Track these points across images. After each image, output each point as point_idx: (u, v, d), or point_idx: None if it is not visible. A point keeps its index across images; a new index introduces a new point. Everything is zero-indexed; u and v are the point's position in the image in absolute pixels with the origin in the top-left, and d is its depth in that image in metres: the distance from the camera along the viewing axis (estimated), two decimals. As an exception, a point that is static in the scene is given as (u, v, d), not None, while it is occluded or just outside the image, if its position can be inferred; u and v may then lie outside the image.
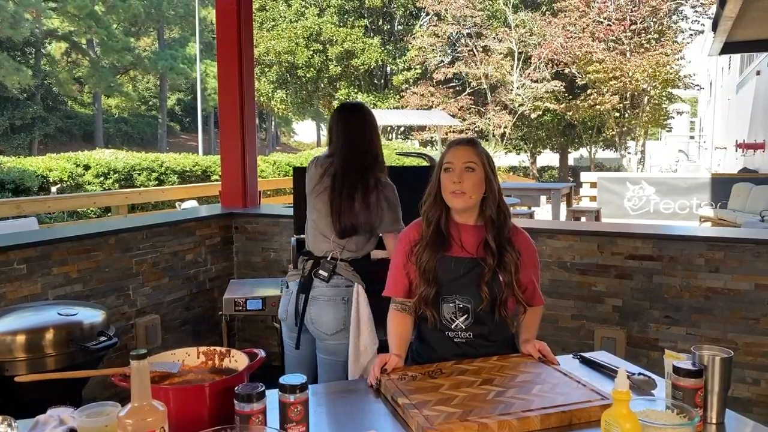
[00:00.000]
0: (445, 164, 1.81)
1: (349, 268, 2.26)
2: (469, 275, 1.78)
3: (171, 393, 1.28)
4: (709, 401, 1.37)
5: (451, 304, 1.80)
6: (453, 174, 1.78)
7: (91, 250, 3.20)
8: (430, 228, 1.82)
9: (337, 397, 1.57)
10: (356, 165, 2.26)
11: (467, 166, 1.78)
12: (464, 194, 1.77)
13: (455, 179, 1.77)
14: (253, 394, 1.21)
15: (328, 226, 2.27)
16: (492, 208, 1.82)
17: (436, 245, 1.80)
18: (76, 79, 28.22)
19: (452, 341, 1.81)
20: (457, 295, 1.79)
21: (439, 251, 1.80)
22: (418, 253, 1.82)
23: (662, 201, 11.83)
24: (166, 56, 29.20)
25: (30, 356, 2.23)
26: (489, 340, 1.81)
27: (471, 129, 19.89)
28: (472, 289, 1.78)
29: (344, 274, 2.25)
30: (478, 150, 1.82)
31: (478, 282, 1.77)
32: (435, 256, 1.79)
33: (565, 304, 3.37)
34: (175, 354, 1.46)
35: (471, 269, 1.79)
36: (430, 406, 1.39)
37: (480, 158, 1.80)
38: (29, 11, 24.55)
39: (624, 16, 17.39)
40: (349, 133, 2.31)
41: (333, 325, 2.21)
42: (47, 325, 2.30)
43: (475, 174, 1.79)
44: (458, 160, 1.79)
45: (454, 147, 1.84)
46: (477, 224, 1.84)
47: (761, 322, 2.96)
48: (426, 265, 1.79)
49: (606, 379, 1.64)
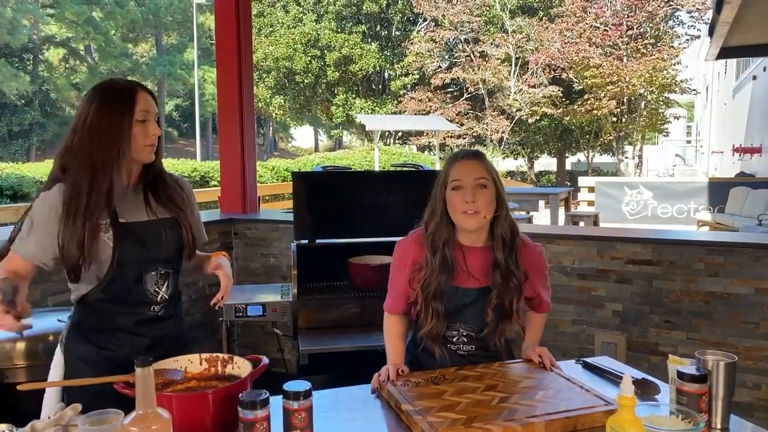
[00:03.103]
0: (453, 182, 1.66)
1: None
2: (476, 304, 1.71)
3: (174, 400, 1.28)
4: (713, 406, 1.37)
5: (454, 331, 1.74)
6: (464, 192, 1.64)
7: (91, 256, 3.19)
8: (437, 256, 1.67)
9: (341, 404, 1.56)
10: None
11: (479, 183, 1.65)
12: (478, 213, 1.63)
13: (468, 198, 1.63)
14: (257, 401, 1.21)
15: None
16: (504, 226, 1.69)
17: (444, 274, 1.67)
18: (73, 85, 28.20)
19: (456, 354, 1.77)
20: (462, 324, 1.73)
21: (448, 281, 1.68)
22: (424, 281, 1.68)
23: (660, 205, 11.85)
24: (164, 62, 29.23)
25: (30, 363, 2.22)
26: (489, 350, 1.78)
27: (468, 134, 19.93)
28: (476, 317, 1.71)
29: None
30: (486, 164, 1.70)
31: (483, 308, 1.70)
32: (442, 285, 1.67)
33: (565, 309, 3.37)
34: (178, 361, 1.45)
35: (477, 299, 1.70)
36: (434, 413, 1.39)
37: (490, 173, 1.68)
38: (27, 17, 24.59)
39: (620, 22, 17.46)
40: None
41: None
42: (47, 332, 2.29)
43: (488, 190, 1.65)
44: (468, 176, 1.65)
45: (460, 161, 1.70)
46: (484, 245, 1.72)
47: (761, 326, 2.97)
48: (432, 294, 1.67)
49: (609, 385, 1.64)
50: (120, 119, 1.53)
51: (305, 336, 2.84)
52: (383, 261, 3.01)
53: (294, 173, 3.20)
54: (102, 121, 1.53)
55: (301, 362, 2.74)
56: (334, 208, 3.11)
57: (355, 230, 3.15)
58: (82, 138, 1.54)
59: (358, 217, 3.14)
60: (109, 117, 1.53)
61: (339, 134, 28.16)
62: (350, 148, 24.23)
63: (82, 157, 1.53)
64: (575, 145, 21.86)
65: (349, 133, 27.16)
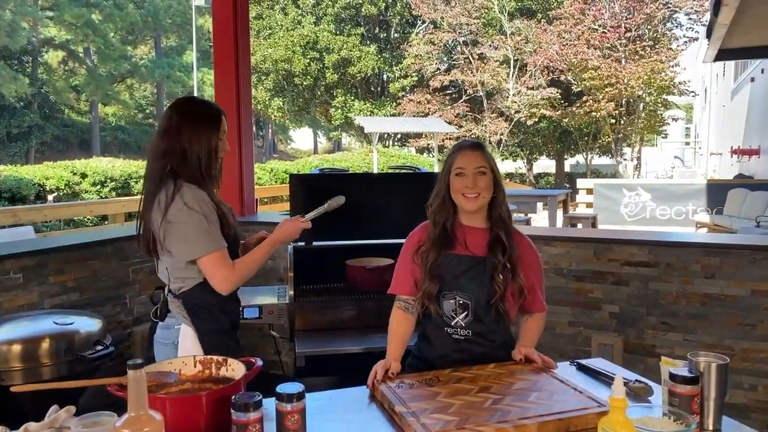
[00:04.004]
0: (457, 169, 1.86)
1: (177, 303, 1.88)
2: (470, 272, 1.83)
3: (168, 403, 1.28)
4: (705, 408, 1.37)
5: (451, 300, 1.83)
6: (466, 179, 1.84)
7: (88, 258, 3.20)
8: (437, 228, 1.88)
9: (335, 406, 1.57)
10: (156, 166, 1.88)
11: (479, 171, 1.85)
12: (478, 195, 1.83)
13: (469, 184, 1.83)
14: (250, 403, 1.21)
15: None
16: (501, 207, 1.89)
17: (442, 244, 1.86)
18: (73, 87, 28.21)
19: (451, 338, 1.84)
20: (458, 292, 1.83)
21: (444, 250, 1.85)
22: (424, 252, 1.87)
23: (658, 207, 11.86)
24: (163, 64, 29.22)
25: (26, 366, 2.22)
26: (487, 339, 1.83)
27: (467, 136, 19.92)
28: (472, 286, 1.82)
29: (174, 311, 1.89)
30: (485, 154, 1.89)
31: (479, 278, 1.82)
32: (440, 255, 1.85)
33: (561, 311, 3.37)
34: (172, 363, 1.46)
35: (473, 266, 1.83)
36: (427, 414, 1.39)
37: (488, 162, 1.88)
38: (26, 20, 24.60)
39: (619, 24, 17.47)
40: (159, 128, 1.94)
41: None
42: (43, 334, 2.30)
43: (486, 177, 1.85)
44: (470, 165, 1.85)
45: (463, 151, 1.89)
46: (483, 226, 1.89)
47: (758, 327, 2.97)
48: (431, 263, 1.84)
49: (603, 386, 1.64)
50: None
51: (302, 338, 2.84)
52: (380, 263, 3.01)
53: (291, 175, 3.20)
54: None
55: (298, 364, 2.74)
56: (331, 210, 3.10)
57: (352, 232, 3.15)
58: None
59: (355, 220, 3.13)
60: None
61: (338, 136, 28.18)
62: (349, 150, 24.21)
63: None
64: (574, 147, 21.87)
65: (348, 135, 27.17)
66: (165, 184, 1.83)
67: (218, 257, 1.82)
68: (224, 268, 1.83)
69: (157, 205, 1.82)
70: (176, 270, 1.86)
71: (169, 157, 1.85)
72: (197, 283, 1.86)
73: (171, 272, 1.87)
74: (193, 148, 1.86)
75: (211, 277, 1.84)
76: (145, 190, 1.89)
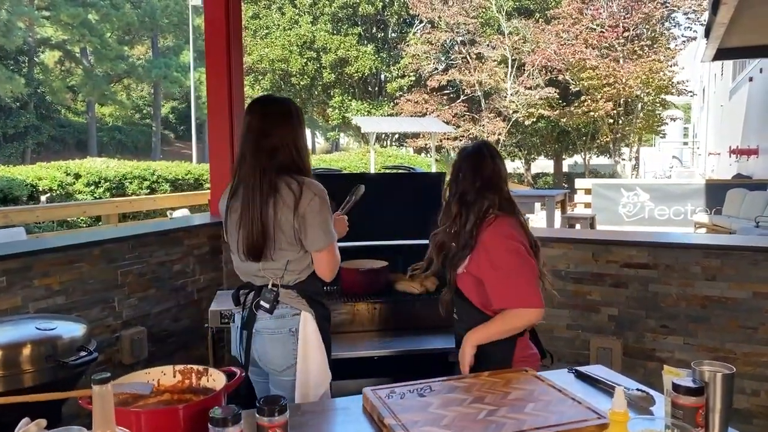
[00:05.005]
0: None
1: (293, 293, 2.00)
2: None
3: (143, 416, 1.21)
4: (710, 420, 1.31)
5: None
6: None
7: (75, 261, 3.12)
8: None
9: (320, 418, 1.50)
10: (263, 167, 1.91)
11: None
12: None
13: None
14: (228, 418, 1.14)
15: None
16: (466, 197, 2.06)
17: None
18: (69, 87, 28.10)
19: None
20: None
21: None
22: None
23: (657, 207, 11.81)
24: (160, 64, 29.13)
25: (6, 373, 2.14)
26: (462, 320, 1.99)
27: (465, 136, 19.87)
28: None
29: (288, 302, 1.98)
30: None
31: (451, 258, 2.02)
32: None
33: (559, 314, 3.31)
34: (149, 373, 1.39)
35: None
36: (418, 427, 1.33)
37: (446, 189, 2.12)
38: (22, 19, 24.49)
39: (617, 23, 17.43)
40: (249, 131, 1.96)
41: (282, 361, 1.97)
42: (24, 340, 2.21)
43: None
44: None
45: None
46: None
47: (759, 330, 2.91)
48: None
49: (602, 396, 1.58)
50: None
51: (293, 342, 2.77)
52: (373, 265, 2.94)
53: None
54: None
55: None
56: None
57: (347, 234, 3.08)
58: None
59: (349, 220, 3.07)
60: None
61: (335, 136, 28.10)
62: (347, 150, 24.14)
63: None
64: (572, 147, 21.83)
65: (345, 135, 27.10)
66: (282, 180, 1.90)
67: (336, 245, 2.01)
68: (338, 256, 2.03)
69: (282, 202, 1.88)
70: (294, 263, 1.96)
71: (282, 154, 1.92)
72: (311, 273, 2.02)
73: (289, 265, 1.96)
74: (299, 143, 1.98)
75: (328, 262, 1.99)
76: (249, 191, 1.90)
